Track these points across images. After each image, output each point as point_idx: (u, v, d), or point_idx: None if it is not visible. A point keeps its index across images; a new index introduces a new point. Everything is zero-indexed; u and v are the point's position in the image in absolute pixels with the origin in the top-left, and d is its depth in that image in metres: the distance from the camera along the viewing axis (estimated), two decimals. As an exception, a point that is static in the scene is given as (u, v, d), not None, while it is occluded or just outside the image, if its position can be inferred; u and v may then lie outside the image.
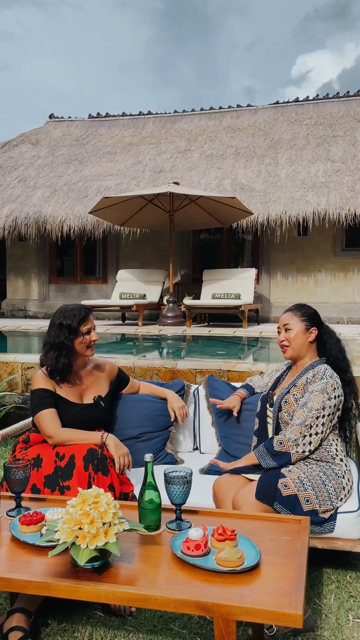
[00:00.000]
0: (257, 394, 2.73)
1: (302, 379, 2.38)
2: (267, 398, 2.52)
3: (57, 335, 2.48)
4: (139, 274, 9.84)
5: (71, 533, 1.52)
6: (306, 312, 2.51)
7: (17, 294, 11.58)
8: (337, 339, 2.54)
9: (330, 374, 2.34)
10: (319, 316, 2.54)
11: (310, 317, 2.49)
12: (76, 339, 2.48)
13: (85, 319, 2.51)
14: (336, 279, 9.88)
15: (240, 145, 10.89)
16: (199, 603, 1.38)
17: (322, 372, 2.34)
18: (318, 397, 2.27)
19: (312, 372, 2.38)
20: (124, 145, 11.72)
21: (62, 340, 2.47)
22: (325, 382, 2.31)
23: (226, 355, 5.57)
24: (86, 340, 2.50)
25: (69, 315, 2.51)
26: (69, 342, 2.47)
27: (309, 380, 2.36)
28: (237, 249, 11.07)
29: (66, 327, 2.48)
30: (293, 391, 2.38)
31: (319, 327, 2.50)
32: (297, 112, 11.53)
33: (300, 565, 1.56)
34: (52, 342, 2.49)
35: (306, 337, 2.46)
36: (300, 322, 2.47)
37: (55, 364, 2.45)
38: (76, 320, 2.49)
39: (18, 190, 10.79)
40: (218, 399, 2.85)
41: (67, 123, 12.99)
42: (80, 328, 2.49)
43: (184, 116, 12.36)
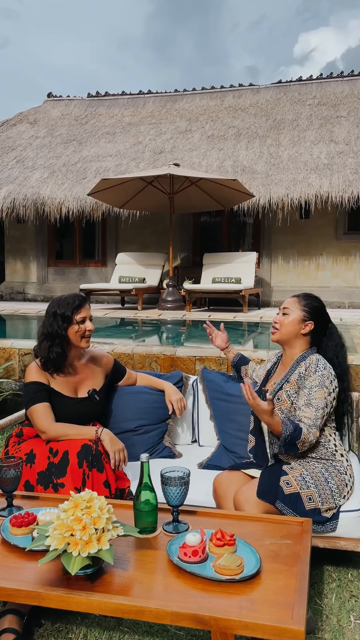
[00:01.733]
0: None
1: (294, 374, 2.28)
2: (259, 393, 2.42)
3: (51, 324, 2.41)
4: (138, 257, 9.71)
5: (62, 540, 1.45)
6: (310, 303, 2.39)
7: (16, 276, 11.46)
8: (338, 343, 2.39)
9: (323, 365, 2.24)
10: (323, 313, 2.40)
11: (313, 309, 2.37)
12: (70, 328, 2.40)
13: (79, 307, 2.42)
14: (338, 263, 9.75)
15: (242, 126, 10.68)
16: (196, 616, 1.31)
17: (315, 363, 2.24)
18: (320, 394, 2.18)
19: (304, 364, 2.28)
20: (123, 125, 11.49)
21: (55, 330, 2.39)
22: (321, 374, 2.21)
23: (226, 341, 5.48)
24: (81, 329, 2.41)
25: (63, 303, 2.42)
26: (62, 331, 2.39)
27: (302, 374, 2.26)
28: (238, 232, 10.91)
29: (60, 316, 2.40)
30: (286, 387, 2.28)
31: (318, 323, 2.37)
32: (300, 92, 11.28)
33: (302, 573, 1.49)
34: (46, 332, 2.41)
35: (299, 328, 2.34)
36: (299, 310, 2.36)
37: (48, 354, 2.37)
38: (70, 309, 2.40)
39: (16, 171, 10.60)
40: (214, 391, 2.77)
41: (66, 102, 12.73)
42: (74, 316, 2.40)
43: (184, 95, 12.11)
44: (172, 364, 4.30)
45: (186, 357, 4.25)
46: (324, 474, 2.15)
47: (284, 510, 2.07)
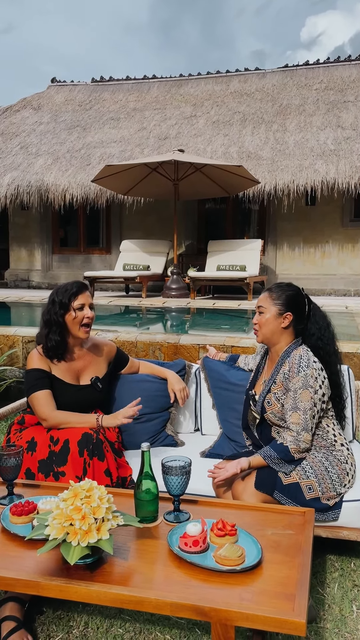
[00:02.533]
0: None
1: (280, 375, 2.21)
2: (249, 395, 2.39)
3: (49, 311, 2.39)
4: (142, 244, 9.66)
5: (61, 529, 1.43)
6: (282, 294, 2.26)
7: (20, 263, 11.44)
8: (322, 325, 2.27)
9: (306, 364, 2.13)
10: (298, 299, 2.27)
11: (286, 300, 2.25)
12: (67, 315, 2.37)
13: (77, 294, 2.39)
14: (344, 250, 9.67)
15: (248, 111, 10.55)
16: (196, 607, 1.30)
17: (297, 362, 2.14)
18: (305, 395, 2.11)
19: (287, 362, 2.18)
20: (128, 111, 11.37)
21: (53, 316, 2.37)
22: (304, 374, 2.12)
23: (230, 329, 5.46)
24: (78, 316, 2.38)
25: (62, 290, 2.41)
26: (60, 318, 2.37)
27: (286, 375, 2.17)
28: (243, 219, 10.83)
29: (58, 303, 2.38)
30: (274, 389, 2.21)
31: (297, 311, 2.26)
32: (306, 76, 11.12)
33: (304, 564, 1.47)
34: (46, 319, 2.40)
35: (279, 323, 2.24)
36: (273, 305, 2.25)
37: (47, 341, 2.36)
38: (67, 296, 2.38)
39: (20, 158, 10.53)
40: (216, 380, 2.75)
41: (70, 87, 12.61)
42: (72, 303, 2.37)
43: (189, 80, 11.96)
44: (176, 352, 4.28)
45: (190, 345, 4.23)
46: (324, 463, 2.13)
47: (282, 501, 2.05)
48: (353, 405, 2.64)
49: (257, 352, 2.56)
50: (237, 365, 2.77)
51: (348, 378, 2.59)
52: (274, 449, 2.11)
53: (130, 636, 1.88)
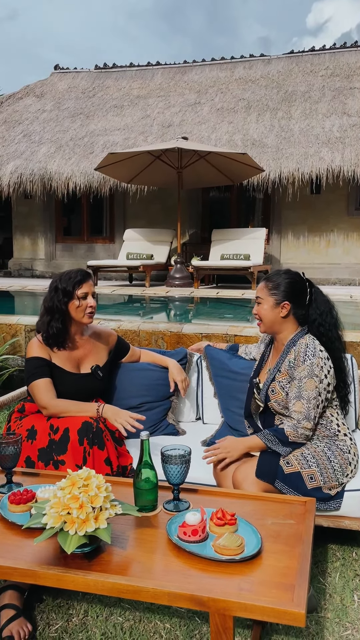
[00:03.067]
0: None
1: (285, 363, 2.18)
2: (254, 383, 2.36)
3: (51, 299, 2.36)
4: (146, 233, 9.61)
5: (59, 518, 1.42)
6: (278, 283, 2.21)
7: (24, 252, 11.41)
8: (323, 310, 2.20)
9: (312, 352, 2.10)
10: (295, 287, 2.21)
11: (283, 289, 2.19)
12: (70, 303, 2.35)
13: (81, 283, 2.37)
14: (349, 239, 9.59)
15: (253, 98, 10.43)
16: (194, 597, 1.28)
17: (304, 351, 2.11)
18: (310, 384, 2.08)
19: (293, 352, 2.15)
20: (131, 98, 11.27)
21: (56, 304, 2.34)
22: (310, 363, 2.09)
23: (234, 318, 5.43)
24: (82, 305, 2.36)
25: (65, 278, 2.38)
26: (63, 306, 2.34)
27: (291, 364, 2.14)
28: (247, 207, 10.75)
29: (61, 291, 2.35)
30: (278, 378, 2.19)
31: (295, 299, 2.20)
32: (312, 63, 10.97)
33: (304, 554, 1.45)
34: (47, 307, 2.38)
35: (277, 313, 2.20)
36: (269, 296, 2.21)
37: (48, 328, 2.33)
38: (71, 284, 2.35)
39: (23, 146, 10.47)
40: (217, 368, 2.73)
41: (73, 75, 12.49)
42: (76, 292, 2.35)
43: (193, 67, 11.82)
44: (179, 341, 4.25)
45: (192, 334, 4.20)
46: (326, 452, 2.11)
47: (283, 490, 2.03)
48: (356, 395, 2.61)
49: (261, 340, 2.53)
50: (238, 355, 2.75)
51: (351, 367, 2.56)
52: (270, 429, 2.12)
53: (130, 625, 1.87)
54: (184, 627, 1.85)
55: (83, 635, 1.82)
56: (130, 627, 1.86)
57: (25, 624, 1.81)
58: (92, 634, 1.83)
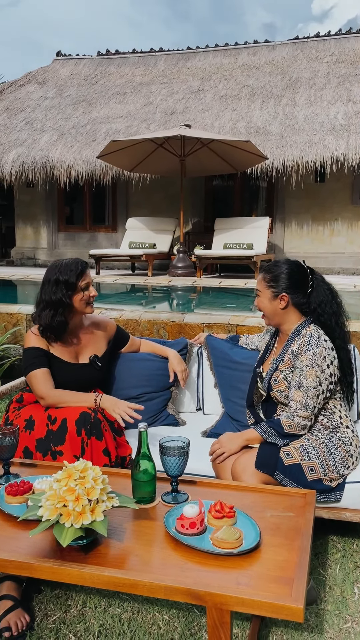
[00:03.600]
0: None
1: (288, 352, 2.15)
2: (257, 372, 2.33)
3: (54, 292, 2.30)
4: (149, 222, 9.54)
5: (54, 510, 1.40)
6: (275, 276, 2.17)
7: (26, 241, 11.37)
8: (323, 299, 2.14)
9: (316, 342, 2.07)
10: (296, 276, 2.17)
11: (281, 281, 2.15)
12: (75, 296, 2.31)
13: (82, 274, 2.34)
14: (353, 228, 9.51)
15: (257, 85, 10.30)
16: (190, 591, 1.27)
17: (307, 341, 2.08)
18: (311, 374, 2.05)
19: (297, 341, 2.12)
20: (134, 85, 11.15)
21: (59, 298, 2.29)
22: (313, 352, 2.06)
23: (236, 308, 5.39)
24: (85, 296, 2.33)
25: (65, 270, 2.32)
26: (67, 299, 2.30)
27: (295, 353, 2.11)
28: (250, 196, 10.65)
29: (63, 283, 2.30)
30: (281, 367, 2.16)
31: (294, 290, 2.16)
32: (317, 49, 10.81)
33: (304, 547, 1.43)
34: (48, 300, 2.31)
35: (276, 305, 2.16)
36: (266, 288, 2.17)
37: (51, 322, 2.29)
38: (74, 275, 2.31)
39: (25, 134, 10.39)
40: (219, 358, 2.70)
41: (75, 61, 12.36)
42: (79, 283, 2.32)
43: (197, 53, 11.67)
44: (180, 331, 4.22)
45: (194, 323, 4.17)
46: (327, 444, 2.08)
47: (283, 482, 2.01)
48: (358, 385, 2.58)
49: (267, 330, 2.50)
50: (239, 345, 2.72)
51: (354, 357, 2.53)
52: (268, 421, 2.11)
53: (129, 616, 1.86)
54: (183, 619, 1.84)
55: (81, 627, 1.81)
56: (129, 619, 1.85)
57: (23, 615, 1.80)
58: (90, 625, 1.82)
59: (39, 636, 1.77)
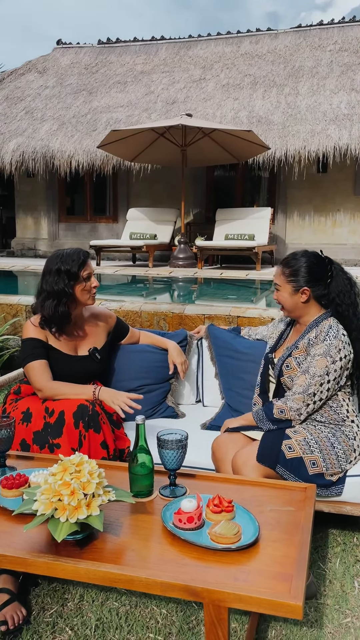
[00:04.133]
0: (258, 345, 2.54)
1: (304, 340, 2.13)
2: (269, 358, 2.31)
3: (56, 282, 2.26)
4: (149, 212, 9.48)
5: (49, 505, 1.37)
6: (295, 269, 2.14)
7: (27, 232, 11.32)
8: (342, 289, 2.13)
9: (334, 334, 2.06)
10: (316, 269, 2.15)
11: (301, 275, 2.13)
12: (77, 285, 2.28)
13: (84, 264, 2.31)
14: (355, 219, 9.44)
15: (259, 74, 10.19)
16: (187, 587, 1.24)
17: (326, 331, 2.07)
18: (320, 362, 2.03)
19: (315, 331, 2.11)
20: (135, 74, 11.04)
21: (61, 288, 2.25)
22: (329, 343, 2.04)
23: (238, 299, 5.36)
24: (87, 286, 2.30)
25: (67, 260, 2.28)
26: (70, 289, 2.27)
27: (311, 341, 2.10)
28: (252, 187, 10.57)
29: (65, 273, 2.26)
30: (295, 354, 2.14)
31: (315, 283, 2.14)
32: (320, 37, 10.68)
33: (303, 542, 1.41)
34: (50, 290, 2.27)
35: (297, 299, 2.15)
36: (287, 283, 2.15)
37: (54, 312, 2.25)
38: (76, 265, 2.28)
39: (25, 123, 10.30)
40: (221, 347, 2.68)
41: (76, 50, 12.24)
42: (81, 273, 2.28)
43: (199, 42, 11.55)
44: (181, 322, 4.19)
45: (195, 315, 4.14)
46: (330, 438, 2.05)
47: (284, 475, 1.98)
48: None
49: (280, 319, 2.48)
50: (241, 335, 2.69)
51: None
52: (264, 406, 2.14)
53: (126, 609, 1.85)
54: (181, 613, 1.82)
55: (78, 621, 1.80)
56: (126, 613, 1.83)
57: (20, 608, 1.78)
58: (87, 619, 1.81)
59: (35, 630, 1.76)
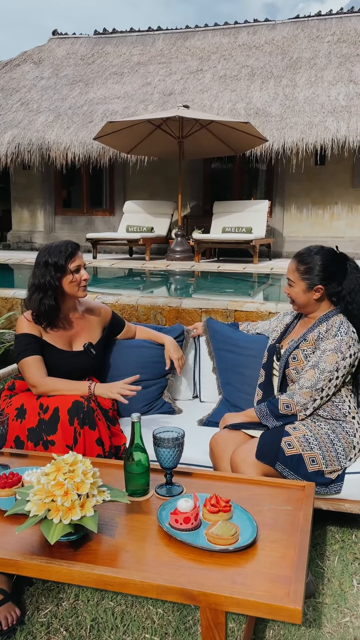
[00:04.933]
0: (261, 339, 2.50)
1: (313, 333, 2.11)
2: (274, 349, 2.28)
3: (43, 274, 2.23)
4: (146, 205, 9.41)
5: (42, 506, 1.34)
6: (310, 267, 2.11)
7: (23, 225, 11.24)
8: (354, 287, 2.11)
9: (345, 330, 2.05)
10: (331, 267, 2.11)
11: (316, 273, 2.10)
12: (64, 278, 2.24)
13: (72, 256, 2.25)
14: (353, 212, 9.39)
15: (256, 65, 10.10)
16: (184, 591, 1.21)
17: (337, 327, 2.05)
18: (331, 358, 2.02)
19: (325, 325, 2.10)
20: (131, 65, 10.93)
21: (47, 280, 2.22)
22: (340, 339, 2.03)
23: (235, 293, 5.32)
24: (76, 279, 2.26)
25: (55, 252, 2.24)
26: (56, 282, 2.22)
27: (321, 335, 2.08)
28: (249, 179, 10.51)
29: (52, 266, 2.22)
30: (303, 346, 2.12)
31: (329, 280, 2.10)
32: (318, 28, 10.59)
33: (302, 543, 1.38)
34: (37, 283, 2.24)
35: (310, 296, 2.12)
36: (301, 280, 2.12)
37: (39, 306, 2.22)
38: (63, 257, 2.23)
39: (20, 114, 10.20)
40: (220, 342, 2.64)
41: (72, 40, 12.11)
42: (68, 265, 2.24)
43: (196, 32, 11.43)
44: (178, 316, 4.15)
45: (192, 309, 4.09)
46: (330, 435, 2.03)
47: (284, 472, 1.95)
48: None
49: (285, 312, 2.46)
50: (240, 330, 2.66)
51: None
52: (268, 400, 2.12)
53: (122, 609, 1.82)
54: (177, 613, 1.80)
55: (73, 621, 1.77)
56: (122, 612, 1.80)
57: (14, 609, 1.76)
58: (83, 619, 1.78)
59: (29, 630, 1.73)
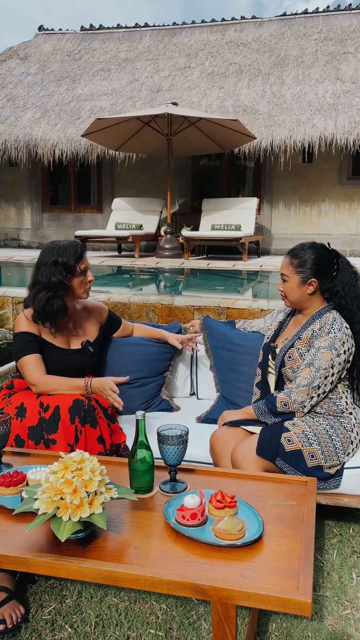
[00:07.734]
0: (254, 337, 2.53)
1: (307, 331, 2.13)
2: (269, 348, 2.30)
3: (53, 274, 2.21)
4: (135, 202, 9.40)
5: (51, 504, 1.35)
6: (304, 260, 2.13)
7: (10, 222, 11.15)
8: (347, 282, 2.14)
9: (338, 327, 2.07)
10: (324, 261, 2.15)
11: (309, 266, 2.13)
12: (74, 279, 2.24)
13: (81, 257, 2.27)
14: (340, 210, 9.47)
15: (244, 62, 10.12)
16: (195, 585, 1.23)
17: (330, 323, 2.08)
18: (326, 355, 2.04)
19: (318, 322, 2.11)
20: (119, 62, 10.89)
21: (58, 280, 2.20)
22: (334, 336, 2.05)
23: (225, 290, 5.34)
24: (85, 280, 2.27)
25: (64, 252, 2.23)
26: (67, 281, 2.22)
27: (315, 333, 2.10)
28: (238, 177, 10.54)
29: (62, 265, 2.21)
30: (297, 344, 2.14)
31: (322, 275, 2.14)
32: (305, 26, 10.64)
33: (308, 537, 1.40)
34: (46, 282, 2.21)
35: (304, 290, 2.14)
36: (295, 274, 2.14)
37: (46, 305, 2.20)
38: (73, 258, 2.23)
39: (7, 111, 10.12)
40: (217, 340, 2.66)
41: (58, 36, 12.02)
42: (78, 266, 2.24)
43: (183, 29, 11.42)
44: (170, 314, 4.16)
45: (184, 306, 4.11)
46: (328, 431, 2.06)
47: (284, 468, 1.98)
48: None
49: (279, 310, 2.48)
50: (237, 328, 2.68)
51: None
52: (266, 398, 2.14)
53: (125, 605, 1.83)
54: (181, 608, 1.82)
55: (77, 617, 1.78)
56: (126, 608, 1.82)
57: (18, 606, 1.76)
58: (87, 615, 1.79)
59: (34, 628, 1.73)
